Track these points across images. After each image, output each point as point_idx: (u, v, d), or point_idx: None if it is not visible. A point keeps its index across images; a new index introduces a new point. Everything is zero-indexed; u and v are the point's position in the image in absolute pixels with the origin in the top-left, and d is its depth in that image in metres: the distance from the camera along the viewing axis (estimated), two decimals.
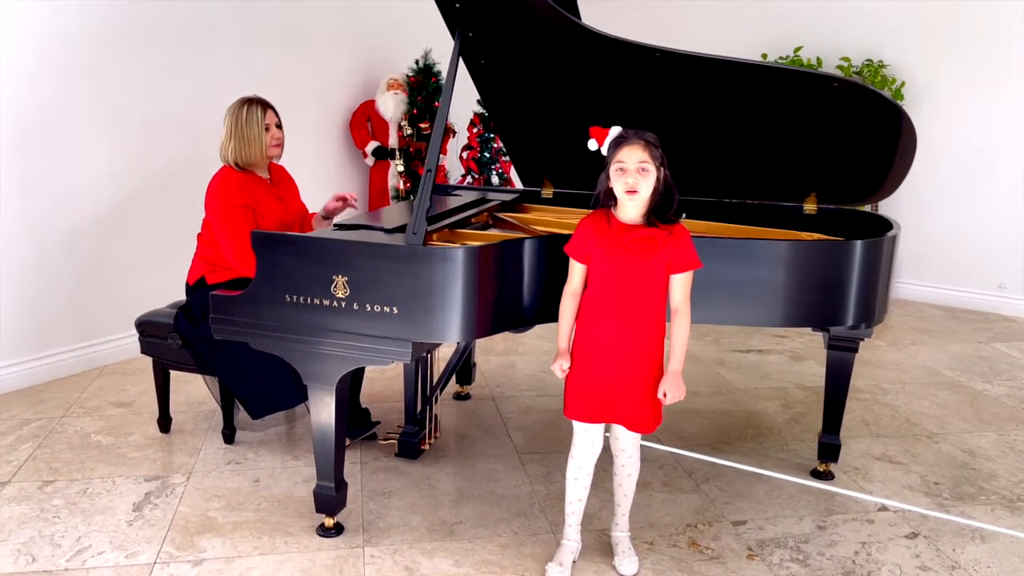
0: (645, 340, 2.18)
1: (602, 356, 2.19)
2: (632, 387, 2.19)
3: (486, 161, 5.41)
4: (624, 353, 2.17)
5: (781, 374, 4.06)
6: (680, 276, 2.17)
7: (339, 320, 2.29)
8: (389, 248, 2.25)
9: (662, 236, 2.13)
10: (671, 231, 2.15)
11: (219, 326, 2.44)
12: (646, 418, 2.22)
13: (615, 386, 2.19)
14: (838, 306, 2.57)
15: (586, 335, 2.22)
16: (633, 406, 2.20)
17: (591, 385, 2.20)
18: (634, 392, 2.19)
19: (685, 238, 2.17)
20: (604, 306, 2.17)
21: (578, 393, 2.22)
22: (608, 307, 2.17)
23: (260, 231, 2.36)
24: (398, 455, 3.01)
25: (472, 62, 2.86)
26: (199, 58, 4.22)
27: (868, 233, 2.91)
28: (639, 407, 2.20)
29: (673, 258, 2.15)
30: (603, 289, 2.17)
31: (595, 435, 2.27)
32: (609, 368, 2.18)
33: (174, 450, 3.06)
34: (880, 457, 3.14)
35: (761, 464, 3.05)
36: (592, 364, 2.20)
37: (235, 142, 2.89)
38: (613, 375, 2.18)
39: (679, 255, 2.15)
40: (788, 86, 2.70)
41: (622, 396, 2.19)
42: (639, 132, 2.13)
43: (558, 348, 2.26)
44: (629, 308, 2.15)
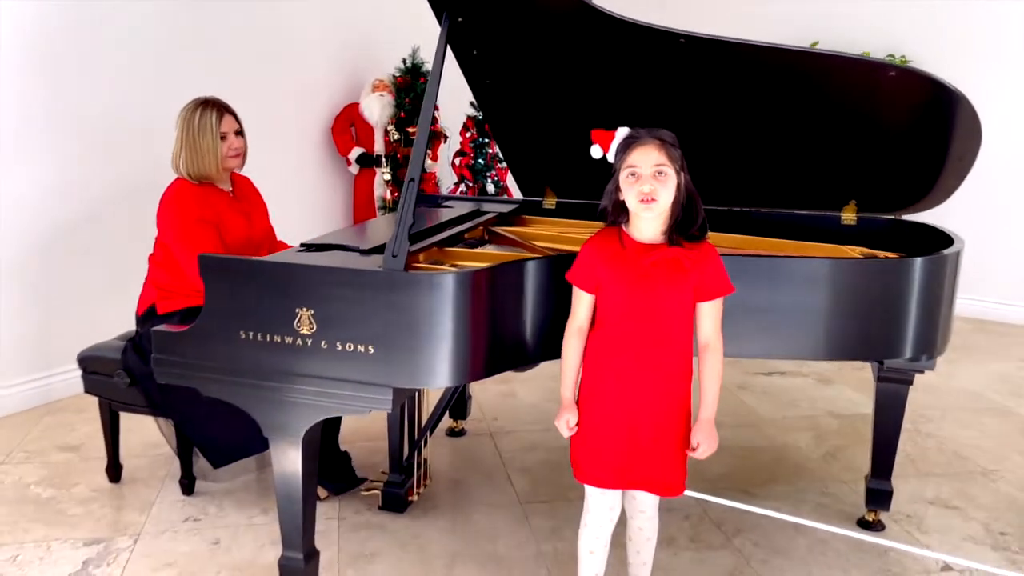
0: (670, 384, 1.80)
1: (618, 406, 1.80)
2: (656, 443, 1.81)
3: (480, 168, 5.02)
4: (645, 401, 1.79)
5: (810, 400, 3.67)
6: (710, 304, 1.79)
7: (304, 362, 1.90)
8: (363, 274, 1.86)
9: (688, 256, 1.74)
10: (698, 250, 1.76)
11: (162, 368, 2.04)
12: (674, 479, 1.84)
13: (635, 443, 1.80)
14: (894, 336, 2.20)
15: (598, 381, 1.83)
16: (658, 466, 1.82)
17: (606, 442, 1.82)
18: (659, 449, 1.81)
19: (714, 258, 1.79)
20: (619, 345, 1.79)
21: (591, 453, 1.83)
22: (624, 346, 1.78)
23: (207, 254, 1.97)
24: (382, 508, 2.61)
25: (463, 53, 2.47)
26: (162, 58, 3.82)
27: (918, 247, 2.54)
28: (665, 467, 1.82)
29: (702, 282, 1.77)
30: (617, 324, 1.79)
31: (612, 499, 1.88)
32: (627, 421, 1.80)
33: (123, 505, 2.65)
34: (933, 501, 2.75)
35: (799, 511, 2.66)
36: (606, 416, 1.81)
37: (187, 153, 2.50)
38: (633, 429, 1.80)
39: (709, 278, 1.77)
40: (832, 76, 2.32)
41: (644, 455, 1.81)
42: (653, 130, 1.75)
43: (562, 399, 1.87)
44: (650, 346, 1.77)
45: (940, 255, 2.18)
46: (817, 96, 2.38)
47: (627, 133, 1.78)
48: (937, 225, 2.58)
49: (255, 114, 4.22)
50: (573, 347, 1.86)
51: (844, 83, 2.33)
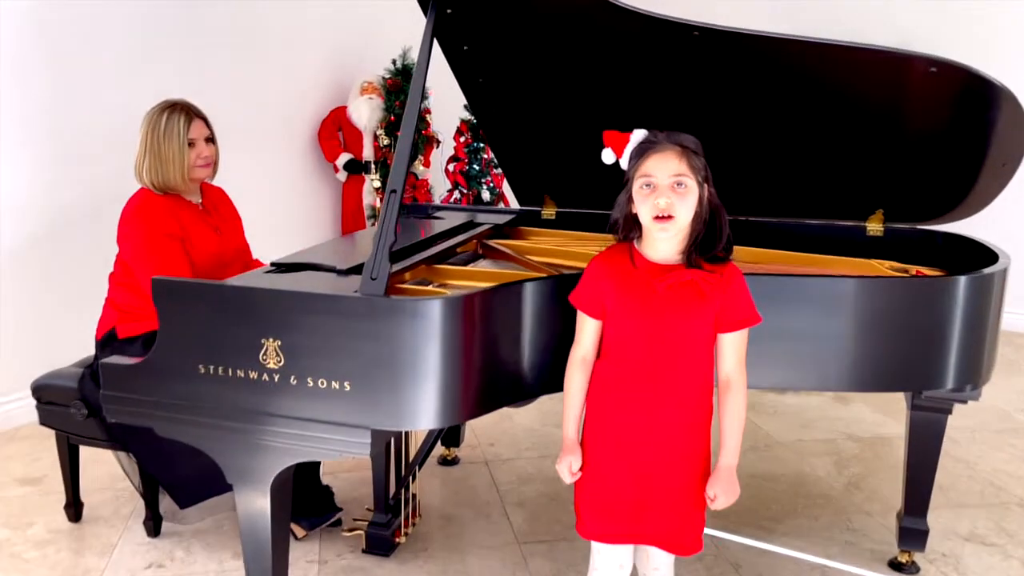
0: (686, 425, 1.57)
1: (627, 450, 1.57)
2: (671, 493, 1.58)
3: (475, 174, 4.79)
4: (658, 444, 1.56)
5: (827, 421, 3.43)
6: (733, 336, 1.57)
7: (271, 399, 1.66)
8: (337, 301, 1.63)
9: (709, 280, 1.51)
10: (721, 272, 1.53)
11: (112, 406, 1.81)
12: (690, 535, 1.61)
13: (647, 492, 1.58)
14: (934, 364, 1.97)
15: (603, 420, 1.60)
16: (673, 519, 1.59)
17: (613, 491, 1.59)
18: (674, 500, 1.58)
19: (739, 283, 1.56)
20: (628, 379, 1.56)
21: (596, 504, 1.60)
22: (634, 380, 1.56)
23: (160, 277, 1.73)
24: (367, 551, 2.37)
25: (452, 49, 2.23)
26: (138, 61, 3.59)
27: (954, 260, 2.31)
28: (681, 520, 1.59)
29: (724, 311, 1.54)
30: (626, 355, 1.56)
31: (623, 555, 1.65)
32: (637, 466, 1.57)
33: (83, 547, 2.41)
34: (969, 537, 2.52)
35: (825, 551, 2.42)
36: (613, 461, 1.59)
37: (150, 159, 2.27)
38: (643, 477, 1.57)
39: (732, 306, 1.54)
40: (860, 70, 2.09)
41: (657, 506, 1.58)
42: (673, 135, 1.53)
43: (564, 438, 1.64)
44: (663, 381, 1.55)
45: (986, 273, 1.95)
46: (842, 93, 2.16)
47: (643, 136, 1.56)
48: (975, 236, 2.35)
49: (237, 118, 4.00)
50: (576, 380, 1.63)
51: (873, 79, 2.10)
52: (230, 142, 2.49)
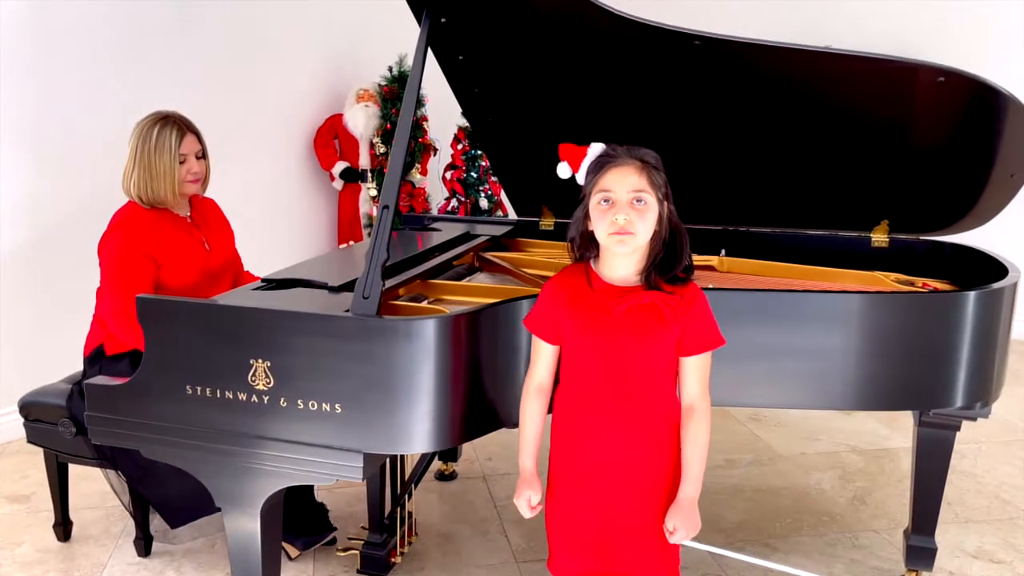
0: (651, 453, 1.51)
1: (591, 480, 1.52)
2: (640, 522, 1.52)
3: (473, 182, 4.75)
4: (622, 473, 1.50)
5: (829, 433, 3.38)
6: (695, 359, 1.50)
7: (260, 422, 1.61)
8: (327, 321, 1.58)
9: (669, 302, 1.45)
10: (682, 294, 1.47)
11: (98, 427, 1.76)
12: (663, 562, 1.55)
13: (613, 524, 1.52)
14: (942, 382, 1.92)
15: (566, 451, 1.54)
16: (643, 549, 1.53)
17: (579, 525, 1.53)
18: (643, 529, 1.52)
19: (702, 304, 1.50)
20: (588, 406, 1.50)
21: (564, 537, 1.55)
22: (594, 408, 1.50)
23: (147, 296, 1.68)
24: (361, 571, 2.32)
25: (447, 59, 2.18)
26: (130, 67, 3.54)
27: (961, 272, 2.27)
28: (651, 549, 1.53)
29: (686, 333, 1.48)
30: (585, 381, 1.51)
31: None
32: (602, 497, 1.51)
33: (71, 568, 2.36)
34: (976, 554, 2.47)
35: (830, 570, 2.37)
36: (578, 494, 1.53)
37: (139, 173, 2.22)
38: (609, 508, 1.51)
39: (694, 329, 1.48)
40: (864, 80, 2.04)
41: (625, 538, 1.52)
42: (633, 149, 1.47)
43: (521, 469, 1.57)
44: (625, 408, 1.49)
45: (996, 288, 1.90)
46: (848, 103, 2.12)
47: (601, 150, 1.50)
48: (982, 247, 2.30)
49: (233, 126, 3.97)
50: (532, 409, 1.57)
51: (880, 88, 2.05)
52: (226, 150, 2.45)
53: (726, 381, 1.75)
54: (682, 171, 1.64)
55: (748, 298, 1.89)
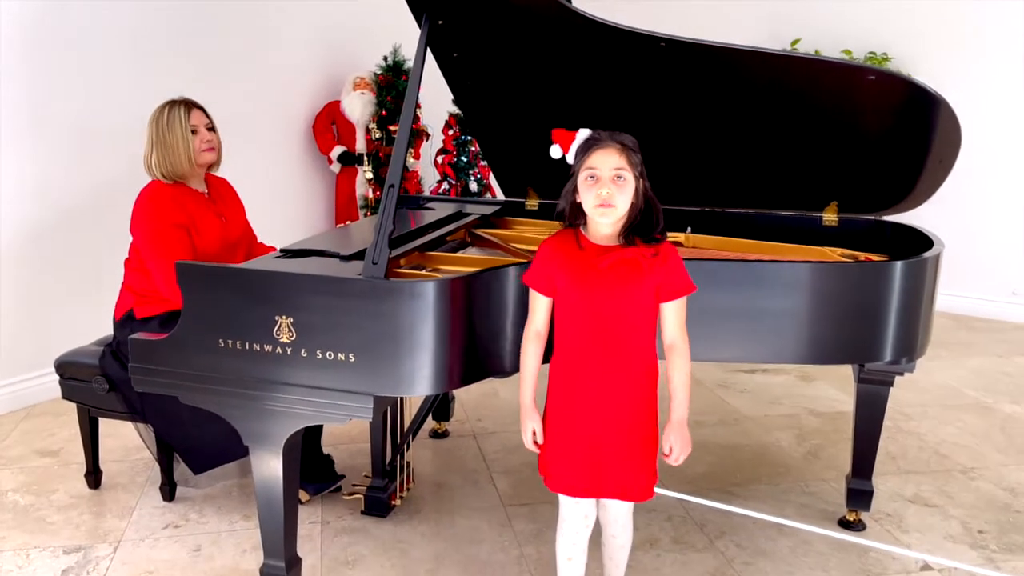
0: (635, 388, 1.78)
1: (583, 413, 1.79)
2: (622, 448, 1.79)
3: (463, 166, 5.00)
4: (609, 407, 1.77)
5: (792, 398, 3.68)
6: (673, 304, 1.78)
7: (284, 370, 1.88)
8: (343, 283, 1.84)
9: (646, 257, 1.73)
10: (656, 251, 1.75)
11: (140, 376, 2.02)
12: (643, 483, 1.82)
13: (602, 449, 1.79)
14: (874, 339, 2.20)
15: (562, 388, 1.82)
16: (627, 472, 1.80)
17: (574, 450, 1.80)
18: (627, 454, 1.79)
19: (674, 257, 1.78)
20: (580, 350, 1.78)
21: (560, 461, 1.82)
22: (584, 351, 1.77)
23: (184, 262, 1.95)
24: (365, 512, 2.60)
25: (443, 55, 2.45)
26: (138, 57, 3.77)
27: (899, 248, 2.55)
28: (634, 472, 1.80)
29: (663, 283, 1.76)
30: (576, 328, 1.78)
31: (587, 507, 1.87)
32: (593, 427, 1.78)
33: (103, 511, 2.63)
34: (913, 499, 2.77)
35: (781, 512, 2.67)
36: (573, 424, 1.80)
37: (157, 151, 2.47)
38: (599, 435, 1.78)
39: (670, 278, 1.76)
40: (814, 79, 2.32)
41: (612, 461, 1.79)
42: (614, 134, 1.74)
43: (521, 404, 1.85)
44: (611, 350, 1.76)
45: (921, 258, 2.18)
46: (799, 98, 2.38)
47: (588, 135, 1.77)
48: (918, 226, 2.59)
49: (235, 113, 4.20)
50: (531, 352, 1.85)
51: (826, 86, 2.33)
52: (230, 136, 2.68)
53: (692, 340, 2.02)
54: (652, 155, 1.91)
55: (710, 267, 2.15)
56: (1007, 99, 4.84)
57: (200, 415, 2.33)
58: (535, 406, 1.85)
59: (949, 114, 2.26)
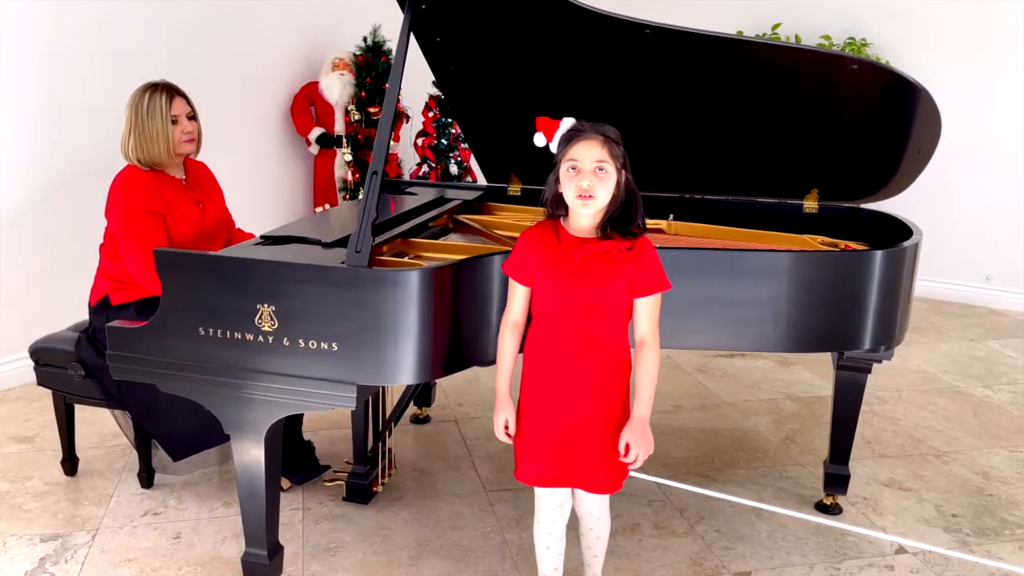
0: (604, 381, 1.78)
1: (554, 403, 1.79)
2: (593, 440, 1.79)
3: (443, 149, 4.97)
4: (580, 398, 1.78)
5: (770, 383, 3.72)
6: (646, 300, 1.77)
7: (265, 359, 1.86)
8: (325, 271, 1.83)
9: (621, 251, 1.73)
10: (632, 245, 1.75)
11: (119, 364, 1.99)
12: (611, 475, 1.82)
13: (572, 440, 1.79)
14: (853, 328, 2.22)
15: (535, 378, 1.82)
16: (595, 463, 1.80)
17: (544, 440, 1.80)
18: (595, 446, 1.79)
19: (650, 253, 1.77)
20: (553, 340, 1.78)
21: (530, 450, 1.82)
22: (558, 341, 1.77)
23: (164, 249, 1.92)
24: (346, 499, 2.59)
25: (426, 40, 2.42)
26: (113, 35, 3.69)
27: (878, 235, 2.57)
28: (602, 463, 1.80)
29: (637, 278, 1.75)
30: (551, 318, 1.78)
31: (562, 496, 1.88)
32: (563, 418, 1.78)
33: (80, 498, 2.60)
34: (888, 483, 2.82)
35: (759, 496, 2.70)
36: (544, 414, 1.80)
37: (135, 137, 2.42)
38: (569, 426, 1.78)
39: (644, 274, 1.75)
40: (795, 67, 2.33)
41: (581, 452, 1.80)
42: (597, 125, 1.73)
43: (497, 392, 1.85)
44: (583, 342, 1.76)
45: (900, 248, 2.20)
46: (780, 86, 2.38)
47: (571, 125, 1.76)
48: (895, 213, 2.61)
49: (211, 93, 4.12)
50: (508, 340, 1.84)
51: (807, 74, 2.33)
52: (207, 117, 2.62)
53: (671, 328, 2.03)
54: (635, 142, 1.90)
55: (691, 255, 2.16)
56: (984, 85, 4.88)
57: (179, 402, 2.30)
58: (510, 396, 1.85)
59: (930, 104, 2.28)
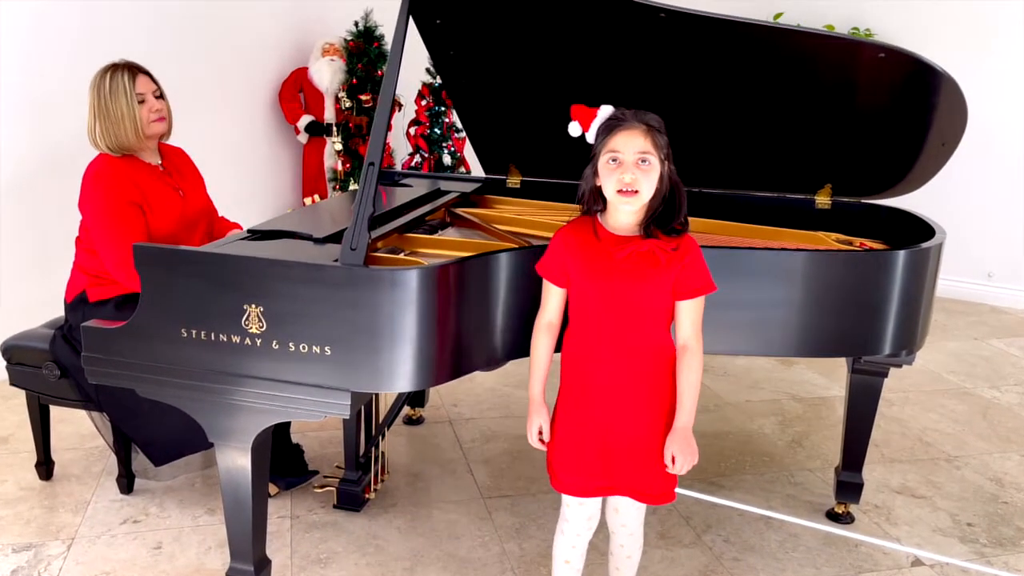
0: (649, 383, 1.67)
1: (595, 409, 1.68)
2: (640, 446, 1.69)
3: (436, 138, 4.82)
4: (623, 403, 1.67)
5: (772, 382, 3.62)
6: (690, 303, 1.66)
7: (253, 363, 1.73)
8: (319, 269, 1.69)
9: (665, 250, 1.61)
10: (677, 244, 1.63)
11: (94, 367, 1.86)
12: (661, 484, 1.72)
13: (615, 447, 1.68)
14: (873, 332, 2.11)
15: (573, 382, 1.70)
16: (643, 470, 1.70)
17: (585, 447, 1.69)
18: (643, 452, 1.69)
19: (695, 253, 1.66)
20: (594, 343, 1.66)
21: (569, 459, 1.71)
22: (599, 344, 1.66)
23: (143, 244, 1.78)
24: (337, 506, 2.47)
25: (425, 22, 2.28)
26: (91, 19, 3.52)
27: (894, 233, 2.47)
28: (653, 471, 1.70)
29: (681, 279, 1.64)
30: (591, 321, 1.66)
31: (592, 508, 1.77)
32: (605, 424, 1.68)
33: (56, 505, 2.46)
34: (900, 490, 2.72)
35: (768, 503, 2.60)
36: (583, 420, 1.69)
37: (101, 122, 2.27)
38: (611, 433, 1.68)
39: (689, 275, 1.64)
40: (813, 54, 2.21)
41: (627, 459, 1.69)
42: (639, 113, 1.61)
43: (530, 396, 1.73)
44: (626, 344, 1.65)
45: (924, 248, 2.09)
46: (795, 74, 2.27)
47: (610, 113, 1.63)
48: (914, 210, 2.50)
49: (195, 78, 3.97)
50: (542, 343, 1.73)
51: (825, 62, 2.22)
52: (189, 103, 2.49)
53: None
54: None
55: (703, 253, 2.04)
56: (989, 76, 4.78)
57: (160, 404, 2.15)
58: (544, 401, 1.73)
59: (955, 94, 2.18)
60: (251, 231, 2.01)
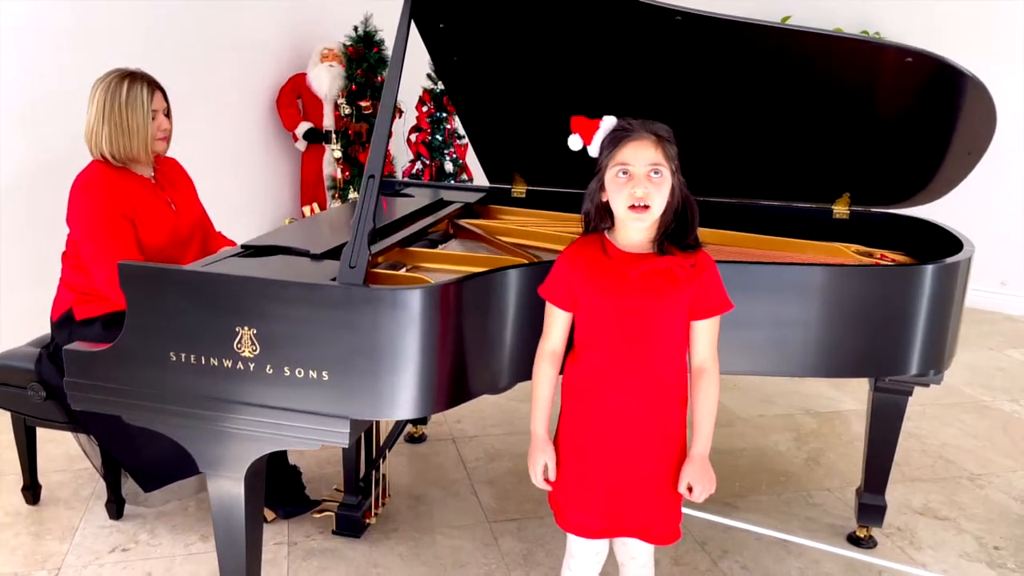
0: (662, 414, 1.56)
1: (604, 443, 1.56)
2: (648, 484, 1.58)
3: (438, 145, 4.72)
4: (634, 436, 1.55)
5: (785, 396, 3.51)
6: (706, 323, 1.56)
7: (246, 388, 1.63)
8: (315, 289, 1.59)
9: (684, 267, 1.50)
10: (695, 260, 1.53)
11: (77, 392, 1.75)
12: (668, 524, 1.61)
13: (625, 484, 1.57)
14: (899, 351, 2.01)
15: (579, 414, 1.59)
16: (651, 510, 1.59)
17: (591, 486, 1.58)
18: (651, 490, 1.58)
19: (712, 271, 1.55)
20: (603, 370, 1.55)
21: (575, 498, 1.60)
22: (608, 371, 1.54)
23: (128, 262, 1.68)
24: (337, 532, 2.36)
25: (427, 27, 2.17)
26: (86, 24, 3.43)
27: (916, 244, 2.36)
28: (659, 510, 1.59)
29: (699, 298, 1.53)
30: (601, 346, 1.55)
31: (600, 544, 1.66)
32: (615, 460, 1.56)
33: (42, 531, 2.35)
34: (923, 511, 2.61)
35: (786, 527, 2.49)
36: (591, 455, 1.58)
37: (111, 129, 2.17)
38: (621, 469, 1.56)
39: (706, 293, 1.54)
40: (834, 59, 2.10)
41: (635, 497, 1.58)
42: (647, 123, 1.50)
43: (533, 434, 1.62)
44: (638, 371, 1.53)
45: (953, 262, 1.99)
46: (814, 79, 2.17)
47: (615, 124, 1.53)
48: (938, 221, 2.40)
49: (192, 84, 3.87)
50: (545, 374, 1.61)
51: (845, 66, 2.11)
52: (186, 110, 2.39)
53: None
54: None
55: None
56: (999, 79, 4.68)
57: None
58: (548, 437, 1.62)
59: (983, 98, 2.07)
60: (244, 246, 1.90)
